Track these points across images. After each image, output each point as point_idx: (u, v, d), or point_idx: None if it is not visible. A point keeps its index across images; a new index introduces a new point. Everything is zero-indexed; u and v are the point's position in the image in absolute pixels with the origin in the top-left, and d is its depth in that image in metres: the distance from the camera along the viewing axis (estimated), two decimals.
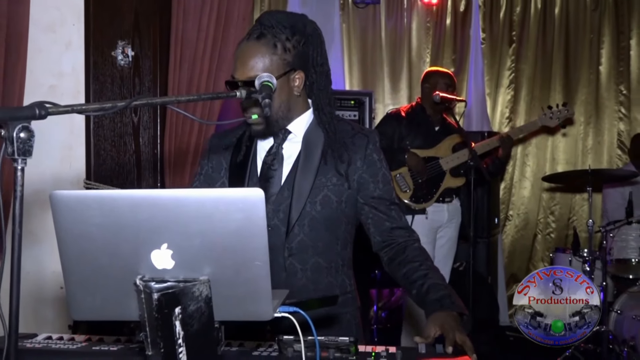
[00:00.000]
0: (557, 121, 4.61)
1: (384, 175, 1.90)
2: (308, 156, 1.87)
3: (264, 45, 1.78)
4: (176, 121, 3.73)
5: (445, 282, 1.77)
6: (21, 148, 1.15)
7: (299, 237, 1.85)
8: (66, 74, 3.51)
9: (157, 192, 1.21)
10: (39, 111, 1.18)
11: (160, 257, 1.21)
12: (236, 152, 1.97)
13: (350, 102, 4.88)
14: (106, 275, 1.24)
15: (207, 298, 1.22)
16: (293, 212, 1.83)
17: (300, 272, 1.85)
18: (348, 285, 1.94)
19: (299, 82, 1.85)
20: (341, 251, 1.92)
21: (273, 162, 1.90)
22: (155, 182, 3.75)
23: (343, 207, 1.87)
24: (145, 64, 3.71)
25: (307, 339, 1.37)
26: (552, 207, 5.98)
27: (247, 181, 1.91)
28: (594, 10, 5.91)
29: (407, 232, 1.90)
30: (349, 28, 5.69)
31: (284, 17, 1.84)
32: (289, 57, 1.80)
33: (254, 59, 1.78)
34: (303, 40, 1.84)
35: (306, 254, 1.85)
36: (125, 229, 1.20)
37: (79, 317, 1.30)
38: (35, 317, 3.42)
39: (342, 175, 1.86)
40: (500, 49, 5.83)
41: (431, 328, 1.59)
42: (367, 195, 1.89)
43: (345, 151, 1.87)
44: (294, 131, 1.90)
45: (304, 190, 1.84)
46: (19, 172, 1.16)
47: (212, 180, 2.00)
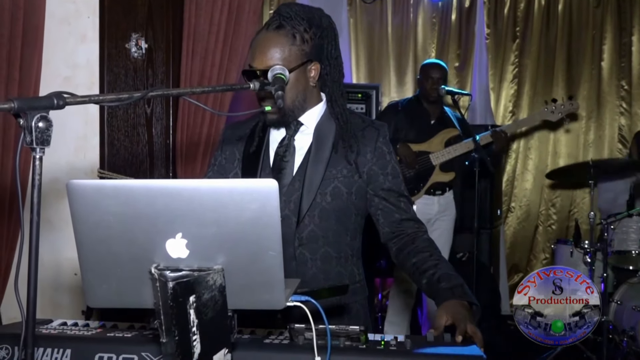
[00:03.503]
0: (560, 115, 4.53)
1: (393, 167, 1.90)
2: (319, 148, 1.87)
3: (283, 36, 1.78)
4: (188, 112, 3.71)
5: (455, 272, 1.75)
6: (39, 137, 1.13)
7: (309, 228, 1.84)
8: (81, 66, 3.50)
9: (172, 182, 1.19)
10: (57, 101, 1.16)
11: (175, 246, 1.19)
12: (249, 143, 1.97)
13: (357, 95, 4.85)
14: (121, 263, 1.23)
15: (221, 287, 1.20)
16: (304, 203, 1.83)
17: (310, 262, 1.85)
18: (357, 275, 1.93)
19: (315, 73, 1.85)
20: (350, 241, 1.91)
21: (285, 153, 1.89)
22: (167, 172, 3.74)
23: (353, 199, 1.87)
24: (158, 56, 3.69)
25: (318, 328, 1.35)
26: (554, 199, 5.96)
27: (260, 172, 1.91)
28: (597, 7, 5.87)
29: (416, 224, 1.89)
30: (356, 23, 5.67)
31: (301, 10, 1.84)
32: (306, 48, 1.80)
33: (274, 49, 1.77)
34: (319, 32, 1.84)
35: (316, 244, 1.85)
36: (140, 218, 1.18)
37: (95, 304, 1.29)
38: (50, 303, 3.42)
39: (351, 165, 1.85)
40: (504, 44, 5.80)
41: (442, 316, 1.57)
42: (377, 187, 1.88)
43: (355, 142, 1.87)
44: (306, 123, 1.90)
45: (314, 182, 1.83)
46: (37, 161, 1.15)
47: (226, 170, 1.99)
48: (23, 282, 1.15)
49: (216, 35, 3.75)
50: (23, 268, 1.18)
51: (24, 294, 1.16)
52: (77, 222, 1.21)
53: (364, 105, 4.83)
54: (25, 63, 3.22)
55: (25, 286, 1.15)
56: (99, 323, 1.63)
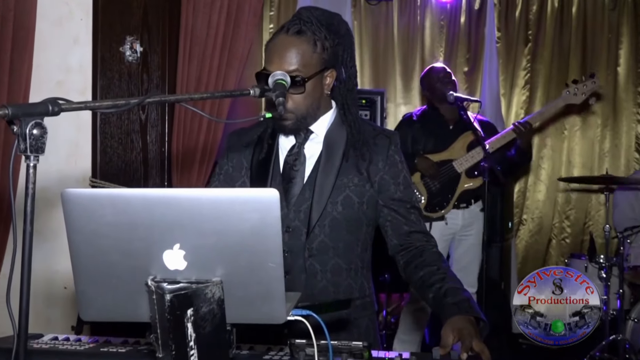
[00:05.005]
0: (583, 96, 4.37)
1: (404, 177, 1.93)
2: (329, 156, 1.90)
3: (305, 42, 1.82)
4: (184, 119, 3.73)
5: (463, 286, 1.77)
6: (34, 145, 1.16)
7: (319, 238, 1.87)
8: (73, 70, 3.53)
9: (171, 192, 1.22)
10: (52, 108, 1.19)
11: (172, 258, 1.21)
12: (258, 150, 1.99)
13: (361, 101, 4.87)
14: (117, 275, 1.24)
15: (220, 300, 1.22)
16: (314, 213, 1.86)
17: (320, 274, 1.88)
18: (367, 289, 1.96)
19: (330, 81, 1.89)
20: (361, 253, 1.94)
21: (295, 162, 1.92)
22: (162, 180, 3.76)
23: (364, 208, 1.90)
24: (153, 60, 3.72)
25: (319, 343, 1.37)
26: (568, 211, 5.95)
27: (270, 182, 1.93)
28: (612, 9, 5.88)
29: (425, 237, 1.92)
30: (360, 25, 5.69)
31: (322, 15, 1.87)
32: (325, 56, 1.84)
33: (294, 53, 1.80)
34: (337, 40, 1.88)
35: (326, 255, 1.88)
36: (137, 229, 1.20)
37: (89, 317, 1.31)
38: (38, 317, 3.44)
39: (362, 174, 1.88)
40: (515, 49, 5.81)
41: (449, 334, 1.58)
42: (388, 197, 1.90)
43: (367, 150, 1.90)
44: (316, 131, 1.93)
45: (325, 191, 1.86)
46: (31, 170, 1.17)
47: (233, 179, 2.01)
48: (14, 295, 1.17)
49: (214, 38, 3.78)
50: (14, 280, 1.20)
51: (14, 306, 1.18)
52: (72, 232, 1.23)
53: (368, 112, 4.84)
54: (14, 67, 3.25)
55: (16, 299, 1.17)
56: (91, 338, 1.65)
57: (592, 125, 5.86)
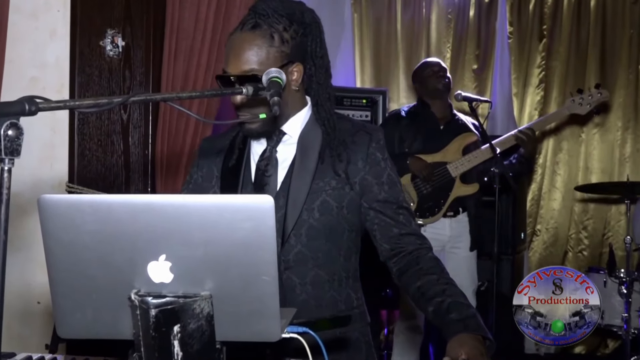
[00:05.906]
0: (589, 107, 4.44)
1: (389, 175, 1.91)
2: (304, 159, 1.89)
3: (259, 37, 1.80)
4: (170, 119, 3.74)
5: (466, 299, 1.77)
6: (9, 147, 1.16)
7: (296, 249, 1.86)
8: (49, 65, 3.53)
9: (156, 198, 1.22)
10: (29, 107, 1.19)
11: (158, 270, 1.21)
12: (228, 157, 1.99)
13: (362, 100, 4.89)
14: (98, 288, 1.24)
15: (209, 316, 1.22)
16: (288, 221, 1.84)
17: (299, 287, 1.87)
18: (354, 300, 1.95)
19: (297, 76, 1.88)
20: (344, 262, 1.93)
21: (267, 167, 1.91)
22: (145, 186, 3.76)
23: (345, 213, 1.88)
24: (136, 55, 3.73)
25: None
26: (585, 221, 5.95)
27: (241, 189, 1.93)
28: (634, 2, 5.89)
29: (418, 239, 1.90)
30: (361, 19, 5.71)
31: (280, 5, 1.85)
32: (286, 49, 1.83)
33: (249, 52, 1.79)
34: (301, 30, 1.86)
35: (305, 267, 1.87)
36: (120, 238, 1.20)
37: (66, 334, 1.31)
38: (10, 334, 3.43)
39: (340, 176, 1.87)
40: (529, 44, 5.82)
41: (457, 349, 1.57)
42: (372, 199, 1.89)
43: (344, 150, 1.88)
44: (289, 132, 1.92)
45: (299, 197, 1.85)
46: (6, 174, 1.17)
47: (202, 190, 2.01)
48: None
49: (202, 32, 3.79)
50: None
51: None
52: (49, 241, 1.23)
53: (369, 112, 4.86)
54: None
55: None
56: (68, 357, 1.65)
57: (612, 128, 5.87)
